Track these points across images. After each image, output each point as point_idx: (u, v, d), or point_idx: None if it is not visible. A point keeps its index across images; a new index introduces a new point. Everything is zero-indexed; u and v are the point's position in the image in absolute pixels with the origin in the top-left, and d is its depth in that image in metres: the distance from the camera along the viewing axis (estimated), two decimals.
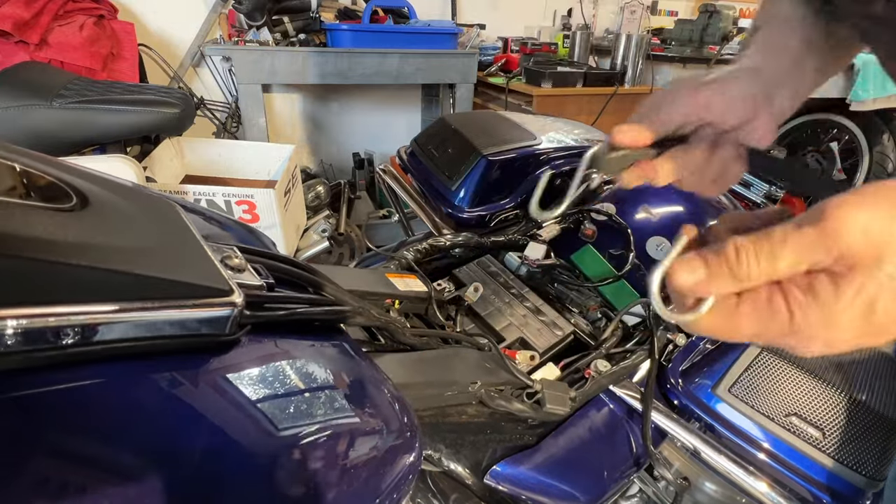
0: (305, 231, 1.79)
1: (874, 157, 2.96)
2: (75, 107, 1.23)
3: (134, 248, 0.30)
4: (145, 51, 2.07)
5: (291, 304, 0.40)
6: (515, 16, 2.82)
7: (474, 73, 2.25)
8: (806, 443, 0.62)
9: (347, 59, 2.01)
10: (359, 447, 0.33)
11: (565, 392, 0.63)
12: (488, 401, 0.57)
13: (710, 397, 0.67)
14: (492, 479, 0.59)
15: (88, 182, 0.34)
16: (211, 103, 2.30)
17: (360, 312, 0.47)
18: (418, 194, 1.11)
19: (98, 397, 0.25)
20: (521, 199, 1.07)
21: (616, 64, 2.44)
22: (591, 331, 0.82)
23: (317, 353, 0.39)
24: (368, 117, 2.67)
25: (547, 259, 0.91)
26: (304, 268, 0.44)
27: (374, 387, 0.40)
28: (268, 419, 0.30)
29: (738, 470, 0.61)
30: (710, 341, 0.76)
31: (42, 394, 0.23)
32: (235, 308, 0.31)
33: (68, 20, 1.72)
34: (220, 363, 0.31)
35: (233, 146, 1.74)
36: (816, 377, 0.65)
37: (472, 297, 0.75)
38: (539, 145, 1.14)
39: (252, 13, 1.90)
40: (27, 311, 0.22)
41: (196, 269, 0.31)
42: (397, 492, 0.34)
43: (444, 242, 0.89)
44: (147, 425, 0.25)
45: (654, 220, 0.97)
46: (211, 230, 0.48)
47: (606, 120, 2.39)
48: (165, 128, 1.38)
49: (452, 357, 0.61)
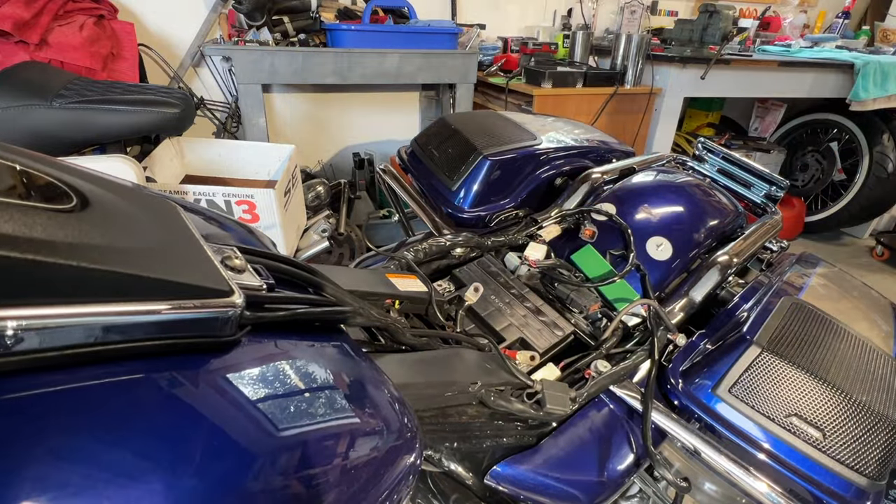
0: (305, 231, 1.79)
1: (874, 157, 2.96)
2: (75, 107, 1.23)
3: (134, 249, 0.29)
4: (145, 51, 2.07)
5: (292, 305, 0.40)
6: (515, 16, 2.82)
7: (474, 73, 2.25)
8: (806, 443, 0.61)
9: (347, 59, 2.01)
10: (359, 447, 0.33)
11: (565, 392, 0.63)
12: (488, 401, 0.57)
13: (711, 398, 0.67)
14: (492, 480, 0.59)
15: (88, 182, 0.34)
16: (211, 103, 2.29)
17: (360, 313, 0.47)
18: (418, 194, 1.11)
19: (99, 397, 0.25)
20: (522, 199, 1.07)
21: (616, 64, 2.44)
22: (591, 331, 0.82)
23: (317, 354, 0.39)
24: (368, 117, 2.67)
25: (547, 259, 0.91)
26: (304, 268, 0.44)
27: (374, 387, 0.40)
28: (268, 419, 0.30)
29: (739, 470, 0.61)
30: (710, 341, 0.76)
31: (43, 394, 0.23)
32: (236, 309, 0.31)
33: (68, 20, 1.71)
34: (220, 363, 0.30)
35: (233, 146, 1.74)
36: (817, 378, 0.65)
37: (473, 298, 0.75)
38: (539, 145, 1.14)
39: (252, 13, 1.90)
40: (28, 311, 0.22)
41: (196, 270, 0.31)
42: (398, 492, 0.34)
43: (444, 242, 0.89)
44: (148, 425, 0.25)
45: (653, 221, 0.97)
46: (211, 230, 0.48)
47: (606, 120, 2.39)
48: (165, 128, 1.38)
49: (453, 357, 0.61)
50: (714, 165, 1.27)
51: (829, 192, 3.29)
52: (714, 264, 0.90)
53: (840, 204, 3.19)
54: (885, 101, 2.61)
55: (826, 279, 0.92)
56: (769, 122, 3.45)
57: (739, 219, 1.08)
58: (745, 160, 1.23)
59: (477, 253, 0.92)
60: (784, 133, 3.45)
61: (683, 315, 0.85)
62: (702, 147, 1.29)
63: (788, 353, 0.68)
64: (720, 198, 1.08)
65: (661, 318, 0.77)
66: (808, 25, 3.45)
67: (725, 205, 1.07)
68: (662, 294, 0.91)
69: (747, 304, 0.82)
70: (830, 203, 3.25)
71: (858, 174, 3.07)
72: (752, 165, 1.21)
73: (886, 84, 2.59)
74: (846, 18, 3.39)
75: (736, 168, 1.23)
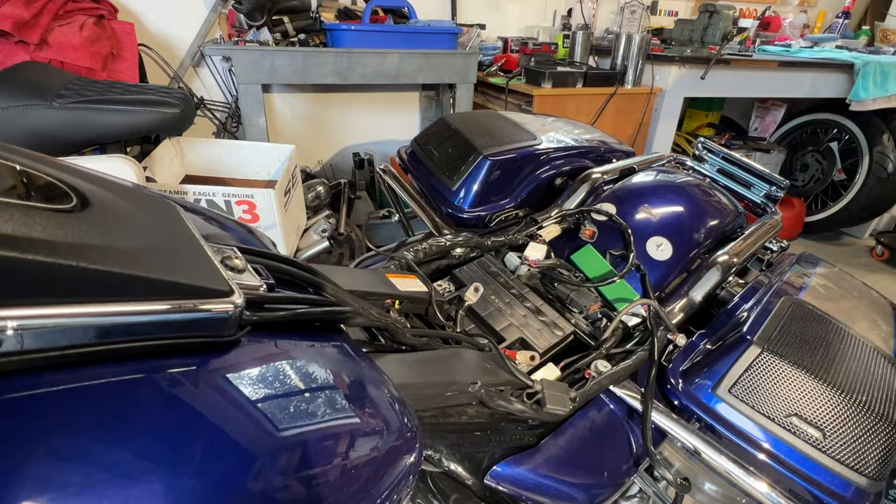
0: (305, 231, 1.79)
1: (874, 157, 2.96)
2: (75, 107, 1.23)
3: (134, 249, 0.30)
4: (145, 51, 2.07)
5: (292, 305, 0.40)
6: (515, 16, 2.82)
7: (474, 73, 2.25)
8: (806, 443, 0.61)
9: (347, 59, 2.01)
10: (359, 447, 0.33)
11: (565, 392, 0.63)
12: (488, 401, 0.57)
13: (711, 398, 0.67)
14: (492, 480, 0.59)
15: (89, 182, 0.34)
16: (211, 103, 2.29)
17: (360, 313, 0.47)
18: (418, 194, 1.11)
19: (99, 397, 0.25)
20: (521, 199, 1.07)
21: (616, 64, 2.44)
22: (591, 331, 0.82)
23: (317, 354, 0.39)
24: (368, 117, 2.67)
25: (547, 259, 0.91)
26: (304, 268, 0.44)
27: (374, 387, 0.40)
28: (268, 419, 0.30)
29: (739, 470, 0.61)
30: (710, 341, 0.76)
31: (43, 394, 0.23)
32: (236, 308, 0.31)
33: (68, 20, 1.71)
34: (220, 363, 0.30)
35: (233, 146, 1.74)
36: (817, 377, 0.65)
37: (473, 298, 0.75)
38: (539, 145, 1.14)
39: (252, 13, 1.90)
40: (28, 311, 0.22)
41: (196, 270, 0.31)
42: (398, 492, 0.34)
43: (444, 242, 0.89)
44: (148, 425, 0.25)
45: (653, 221, 0.97)
46: (211, 230, 0.48)
47: (606, 120, 2.39)
48: (165, 128, 1.38)
49: (452, 357, 0.60)
50: (714, 165, 1.27)
51: (829, 192, 3.29)
52: (714, 264, 0.90)
53: (840, 204, 3.19)
54: (885, 101, 2.62)
55: (826, 279, 0.92)
56: (769, 122, 3.45)
57: (739, 219, 1.08)
58: (745, 160, 1.23)
59: (477, 253, 0.92)
60: (784, 133, 3.45)
61: (683, 315, 0.85)
62: (701, 147, 1.29)
63: (788, 353, 0.68)
64: (720, 198, 1.08)
65: (661, 318, 0.77)
66: (808, 25, 3.45)
67: (725, 205, 1.07)
68: (662, 294, 0.91)
69: (747, 304, 0.82)
70: (830, 203, 3.25)
71: (858, 174, 3.07)
72: (752, 165, 1.21)
73: (886, 84, 2.59)
74: (846, 18, 3.39)
75: (736, 168, 1.23)
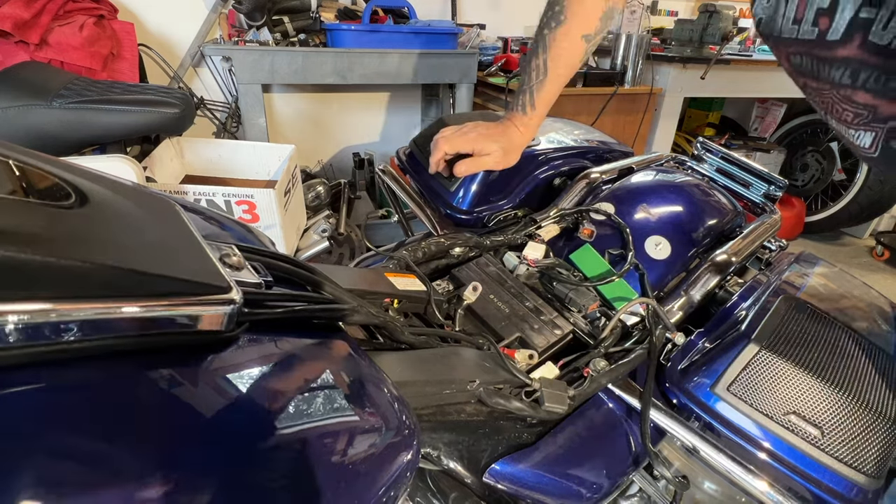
0: (305, 231, 1.80)
1: None
2: (75, 107, 1.23)
3: (132, 245, 0.30)
4: (145, 51, 2.08)
5: (290, 302, 0.40)
6: (515, 16, 2.82)
7: (474, 73, 2.25)
8: (805, 441, 0.61)
9: (347, 59, 2.01)
10: (357, 445, 0.33)
11: (564, 391, 0.63)
12: (487, 399, 0.57)
13: (709, 396, 0.67)
14: (491, 478, 0.59)
15: (87, 180, 0.34)
16: (211, 103, 2.30)
17: (358, 311, 0.47)
18: (417, 194, 1.11)
19: (96, 394, 0.25)
20: (520, 199, 1.07)
21: (616, 64, 2.44)
22: (589, 330, 0.82)
23: (315, 351, 0.39)
24: (368, 117, 2.68)
25: (546, 259, 0.91)
26: (302, 266, 0.44)
27: (372, 385, 0.40)
28: (265, 417, 0.30)
29: (738, 468, 0.61)
30: (708, 340, 0.76)
31: (36, 390, 0.23)
32: (234, 305, 0.31)
33: (68, 20, 1.72)
34: (218, 360, 0.31)
35: (233, 146, 1.74)
36: (815, 375, 0.65)
37: (471, 297, 0.75)
38: (538, 145, 1.14)
39: (252, 13, 1.90)
40: (26, 306, 0.23)
41: (195, 267, 0.31)
42: (395, 488, 0.34)
43: (442, 242, 0.89)
44: (144, 423, 0.25)
45: (652, 220, 0.97)
46: (210, 229, 0.48)
47: (606, 120, 2.39)
48: (165, 128, 1.38)
49: (451, 356, 0.61)
50: (713, 165, 1.27)
51: (829, 192, 3.29)
52: (713, 263, 0.90)
53: (840, 204, 3.18)
54: None
55: (825, 278, 0.92)
56: (769, 122, 3.45)
57: (738, 218, 1.08)
58: (744, 159, 1.23)
59: (476, 253, 0.92)
60: (784, 133, 3.45)
61: (682, 314, 0.85)
62: (700, 147, 1.29)
63: (787, 351, 0.68)
64: (719, 197, 1.08)
65: (660, 317, 0.78)
66: None
67: (724, 204, 1.07)
68: (661, 293, 0.91)
69: (746, 302, 0.82)
70: (830, 203, 3.25)
71: (858, 174, 3.07)
72: (751, 165, 1.21)
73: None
74: None
75: (734, 167, 1.23)
